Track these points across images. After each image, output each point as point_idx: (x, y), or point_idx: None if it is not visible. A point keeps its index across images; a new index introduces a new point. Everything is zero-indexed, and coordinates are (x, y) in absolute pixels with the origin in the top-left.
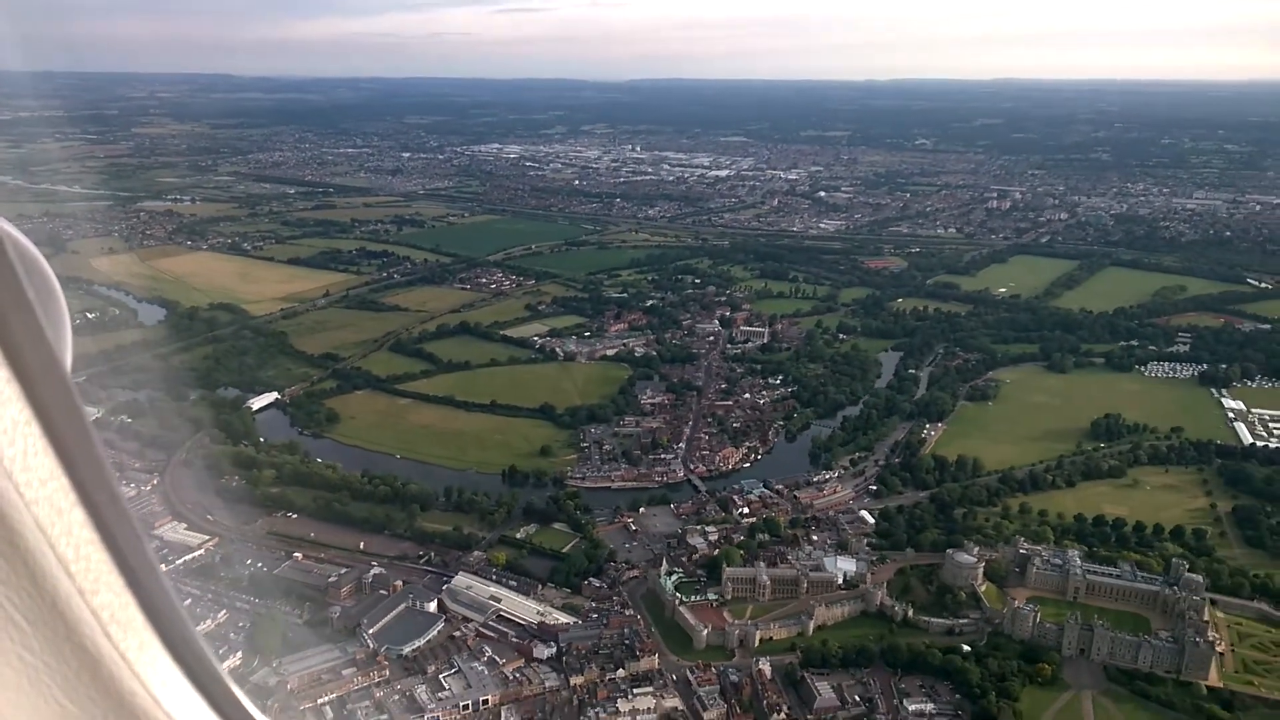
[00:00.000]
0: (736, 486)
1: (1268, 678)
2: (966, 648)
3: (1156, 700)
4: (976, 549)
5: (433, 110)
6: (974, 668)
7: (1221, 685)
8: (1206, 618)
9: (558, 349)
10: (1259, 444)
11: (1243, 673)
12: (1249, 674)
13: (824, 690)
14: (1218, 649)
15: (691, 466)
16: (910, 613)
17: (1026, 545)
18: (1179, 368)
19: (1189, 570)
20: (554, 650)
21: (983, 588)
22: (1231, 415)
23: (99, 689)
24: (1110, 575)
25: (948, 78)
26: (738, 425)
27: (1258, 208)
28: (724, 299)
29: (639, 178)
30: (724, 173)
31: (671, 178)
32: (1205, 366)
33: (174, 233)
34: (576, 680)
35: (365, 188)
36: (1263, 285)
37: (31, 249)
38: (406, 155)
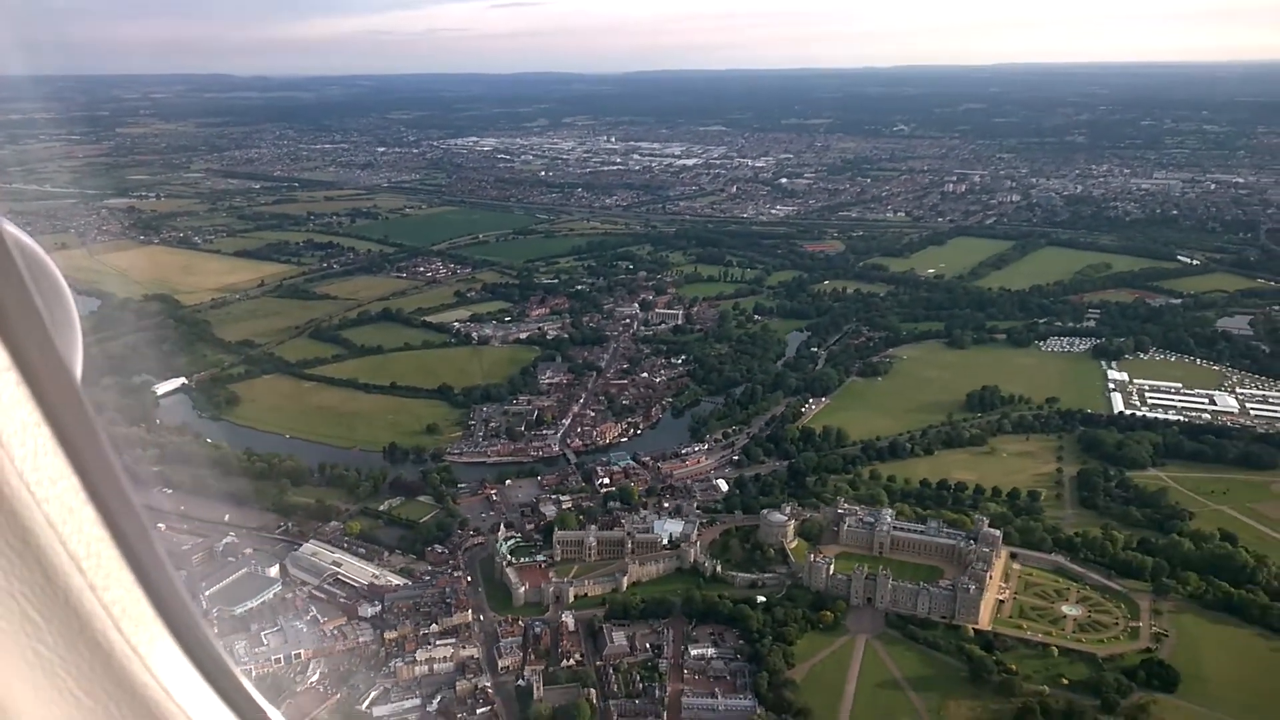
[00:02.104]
0: (605, 459)
1: (1039, 622)
2: (762, 599)
3: (925, 642)
4: (789, 509)
5: (419, 105)
6: (757, 615)
7: (988, 629)
8: (994, 568)
9: (473, 333)
10: (1129, 412)
11: (1016, 617)
12: (1023, 619)
13: (618, 638)
14: (1002, 597)
15: (569, 441)
16: (719, 568)
17: (845, 505)
18: (1077, 342)
19: (990, 526)
20: (378, 609)
21: (793, 544)
22: (1112, 386)
23: (112, 681)
24: (915, 531)
25: (948, 64)
26: (627, 402)
27: (1213, 186)
28: (652, 284)
29: (606, 168)
30: (692, 161)
31: (639, 167)
32: (1101, 340)
33: (129, 228)
34: (390, 635)
35: (331, 181)
36: (1193, 261)
37: (39, 252)
38: (381, 150)
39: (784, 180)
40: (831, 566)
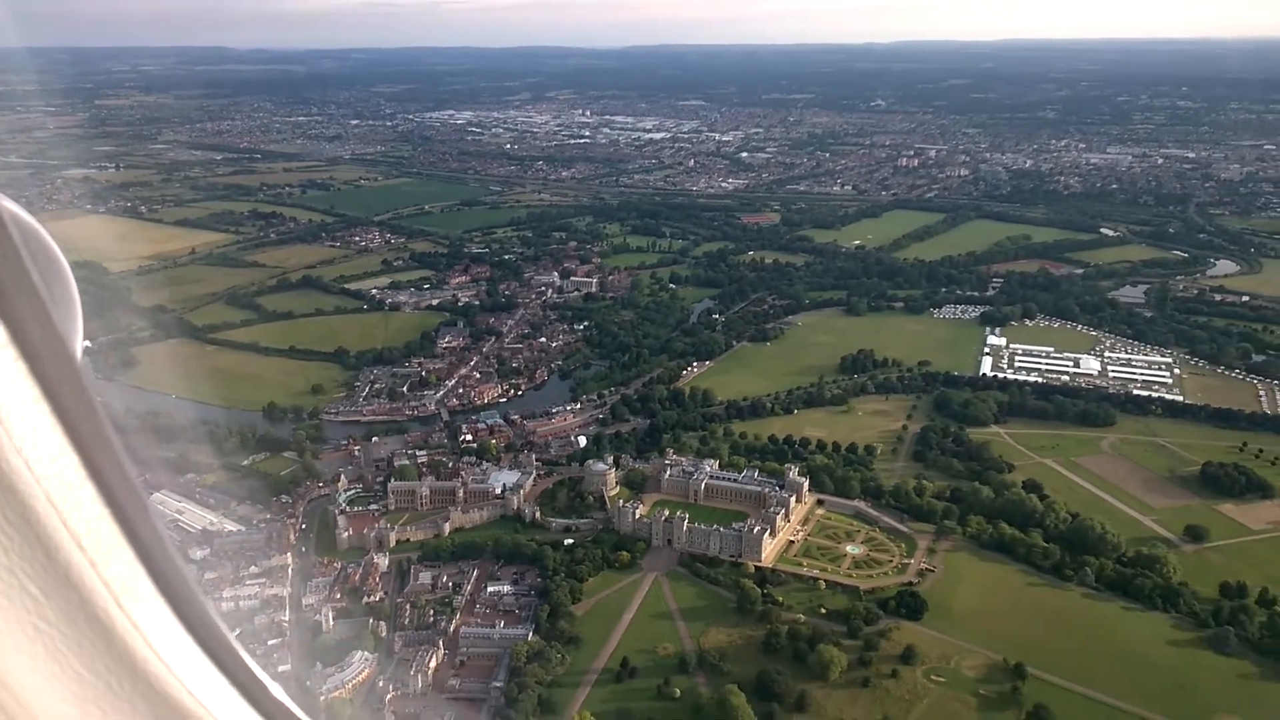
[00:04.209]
0: (474, 418)
1: (820, 560)
2: (570, 541)
3: (708, 579)
4: (611, 459)
5: (408, 79)
6: (555, 555)
7: (769, 565)
8: (794, 512)
9: (387, 300)
10: (991, 374)
11: (801, 556)
12: (806, 557)
13: (423, 578)
14: (794, 538)
15: (447, 402)
16: (539, 514)
17: (672, 457)
18: (969, 309)
19: (798, 475)
20: (206, 552)
21: (614, 492)
22: (987, 350)
23: (113, 657)
24: (728, 480)
25: (950, 39)
26: (516, 365)
27: (1160, 161)
28: (580, 253)
29: (573, 141)
30: (661, 135)
31: (605, 141)
32: (989, 308)
33: (78, 198)
34: (210, 575)
35: (295, 154)
36: (1114, 234)
37: (37, 227)
38: (355, 123)
39: (744, 155)
40: (638, 511)
